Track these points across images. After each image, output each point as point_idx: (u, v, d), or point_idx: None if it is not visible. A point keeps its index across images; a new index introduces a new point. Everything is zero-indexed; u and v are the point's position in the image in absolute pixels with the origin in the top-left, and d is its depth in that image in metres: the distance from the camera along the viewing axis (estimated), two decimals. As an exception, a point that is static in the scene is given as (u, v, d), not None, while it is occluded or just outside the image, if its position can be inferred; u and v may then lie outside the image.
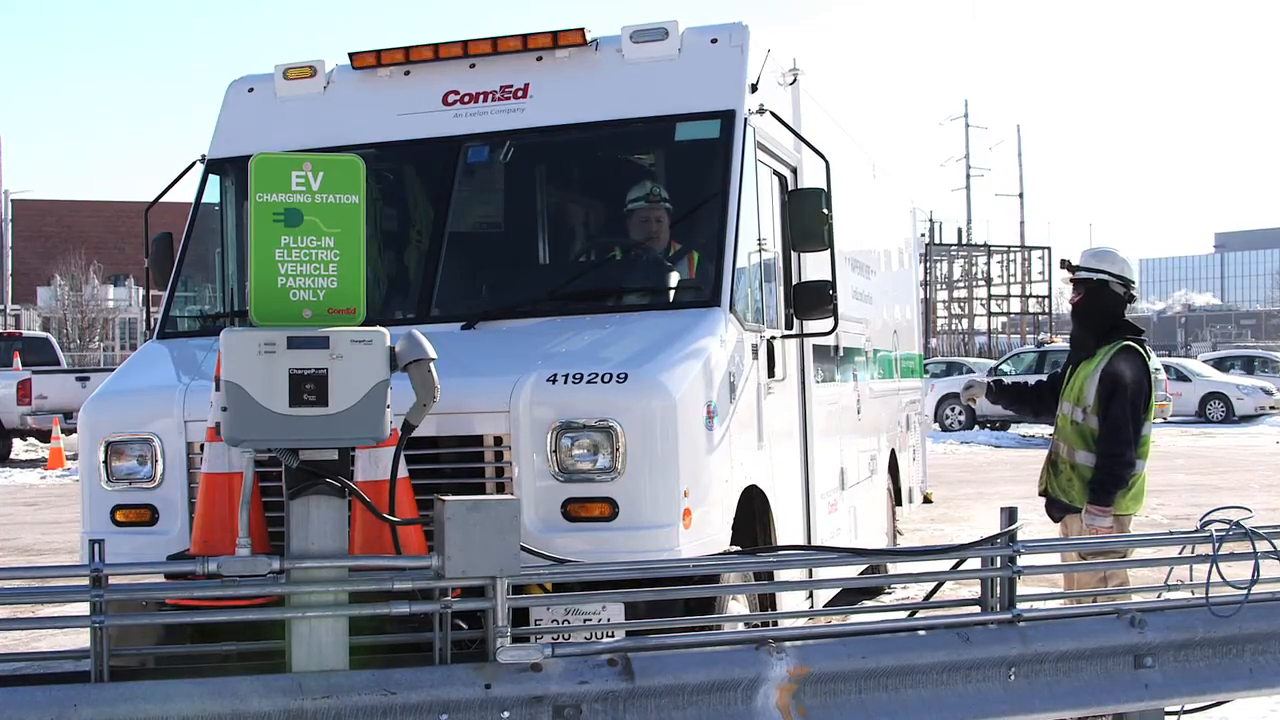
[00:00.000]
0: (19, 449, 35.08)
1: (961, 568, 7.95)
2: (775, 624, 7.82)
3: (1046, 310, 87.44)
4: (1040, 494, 9.66)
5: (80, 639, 6.74)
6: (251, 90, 10.26)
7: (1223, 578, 7.66)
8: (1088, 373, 9.20)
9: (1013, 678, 7.19)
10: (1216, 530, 7.73)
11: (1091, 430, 9.15)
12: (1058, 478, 9.43)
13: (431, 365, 6.34)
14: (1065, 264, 9.36)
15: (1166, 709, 7.73)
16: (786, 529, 9.15)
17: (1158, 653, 7.50)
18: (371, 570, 6.48)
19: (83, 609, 6.27)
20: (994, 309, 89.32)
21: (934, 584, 8.32)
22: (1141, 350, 9.27)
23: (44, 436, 32.98)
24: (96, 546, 6.22)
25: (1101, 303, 9.32)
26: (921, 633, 7.32)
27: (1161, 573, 8.28)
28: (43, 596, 7.14)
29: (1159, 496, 22.96)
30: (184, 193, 10.33)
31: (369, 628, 6.62)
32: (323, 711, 6.02)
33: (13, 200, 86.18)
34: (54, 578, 7.07)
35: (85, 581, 6.20)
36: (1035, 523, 18.17)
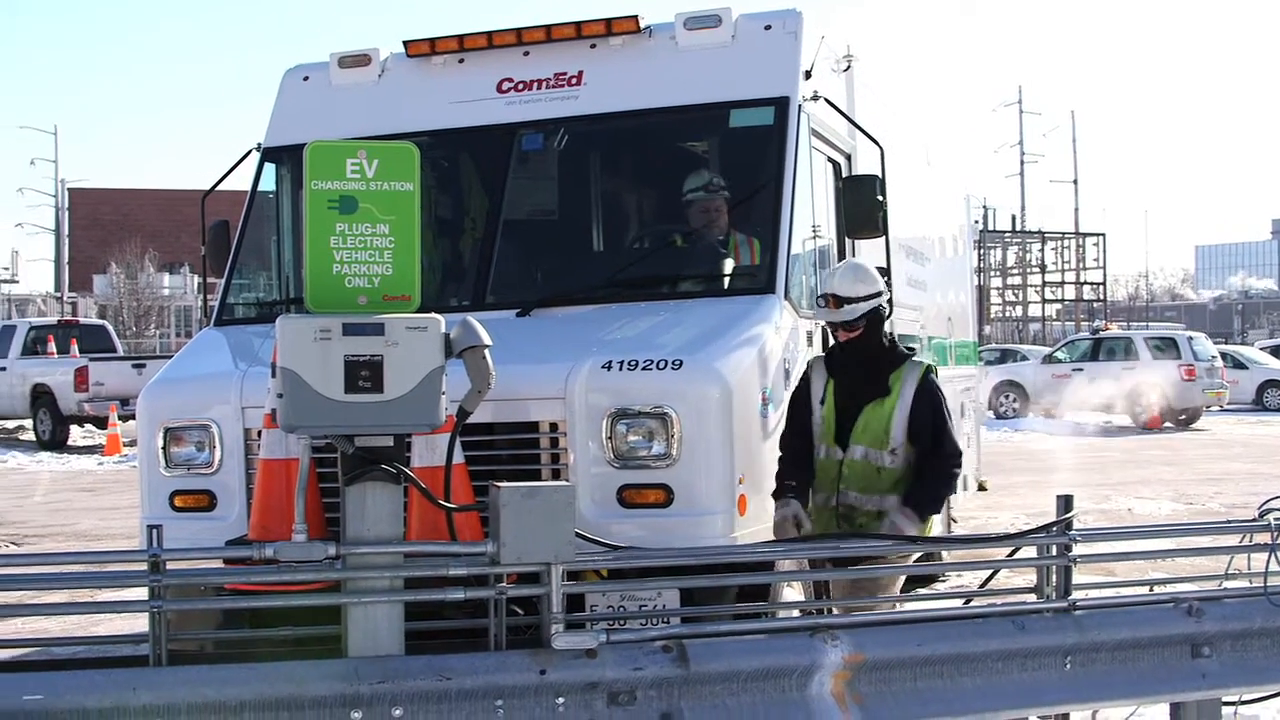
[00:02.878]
0: (76, 435, 35.29)
1: (1016, 555, 7.91)
2: (830, 611, 7.81)
3: (1101, 297, 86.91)
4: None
5: (138, 623, 6.77)
6: (307, 79, 10.31)
7: (1281, 567, 7.59)
8: (889, 411, 7.95)
9: (1069, 666, 7.14)
10: (1275, 519, 7.66)
11: (894, 473, 8.03)
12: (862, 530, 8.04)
13: (486, 352, 6.35)
14: (833, 298, 7.95)
15: (1224, 699, 7.68)
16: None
17: (1215, 642, 7.44)
18: (427, 556, 6.49)
19: (141, 594, 6.30)
20: (1048, 296, 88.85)
21: (989, 572, 8.27)
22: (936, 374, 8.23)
23: (101, 423, 33.15)
24: (155, 532, 6.25)
25: (879, 328, 8.11)
26: (977, 621, 7.29)
27: (1219, 562, 8.21)
28: (102, 581, 7.19)
29: (1216, 485, 22.83)
30: (240, 181, 10.40)
31: (424, 613, 6.64)
32: (378, 696, 6.03)
33: (69, 189, 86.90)
34: (113, 563, 7.12)
35: (144, 566, 6.23)
36: (1091, 511, 18.13)
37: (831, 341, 8.33)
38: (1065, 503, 7.37)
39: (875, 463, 7.98)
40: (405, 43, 9.88)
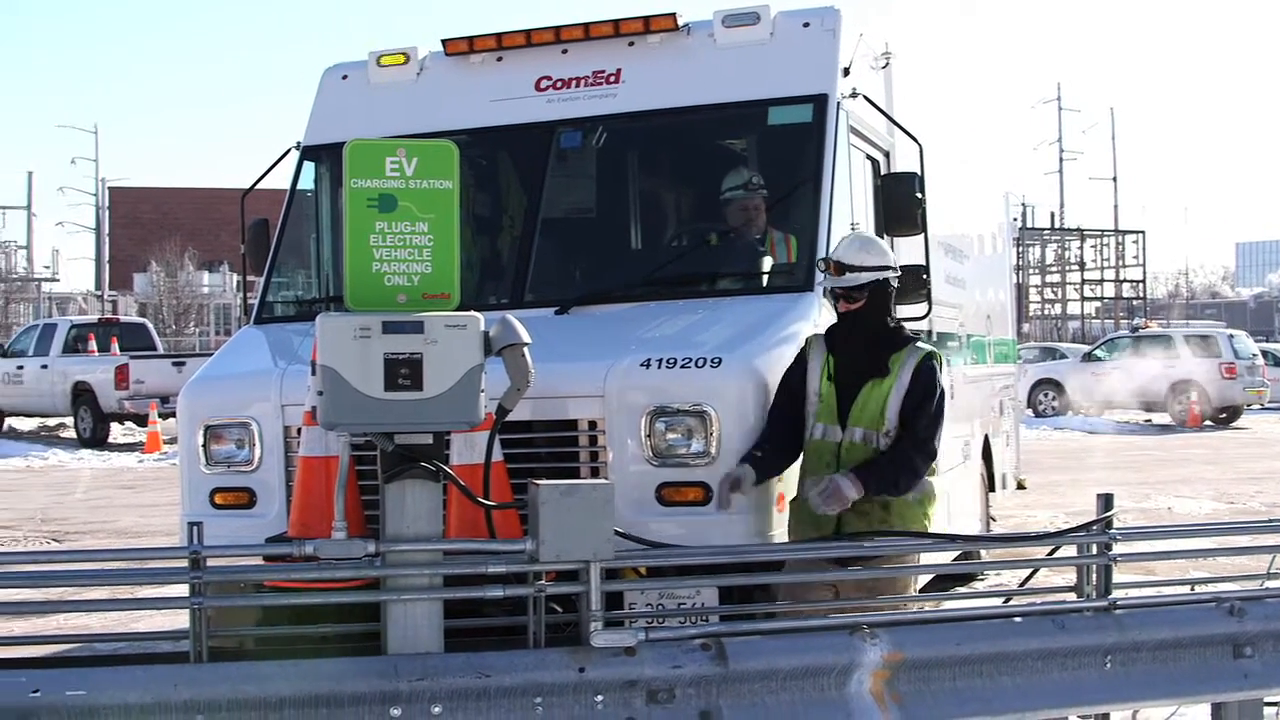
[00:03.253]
0: (117, 433, 35.44)
1: (1056, 554, 7.89)
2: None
3: (1141, 295, 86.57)
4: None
5: (179, 620, 6.81)
6: (345, 77, 10.34)
7: (1324, 566, 7.56)
8: (885, 391, 7.62)
9: (1109, 665, 7.11)
10: (1318, 517, 7.61)
11: None
12: (863, 518, 7.64)
13: (525, 350, 6.36)
14: (836, 264, 7.71)
15: (1266, 699, 7.63)
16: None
17: (1257, 642, 7.38)
18: (466, 554, 6.50)
19: (182, 590, 6.33)
20: (1087, 294, 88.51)
21: (1029, 571, 8.24)
22: (943, 363, 7.91)
23: (141, 421, 33.28)
24: (195, 529, 6.27)
25: (884, 305, 7.79)
26: (1017, 619, 7.26)
27: (1261, 561, 8.17)
28: (142, 578, 7.22)
29: (1257, 484, 22.72)
30: (279, 179, 10.44)
31: (463, 610, 6.65)
32: (417, 693, 6.04)
33: (110, 188, 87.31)
34: (153, 559, 7.15)
35: (184, 563, 6.26)
36: (1131, 510, 18.06)
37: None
38: (1105, 501, 7.33)
39: (873, 445, 7.60)
40: (443, 41, 9.90)
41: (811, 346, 7.82)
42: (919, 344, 7.79)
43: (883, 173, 9.77)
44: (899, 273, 7.89)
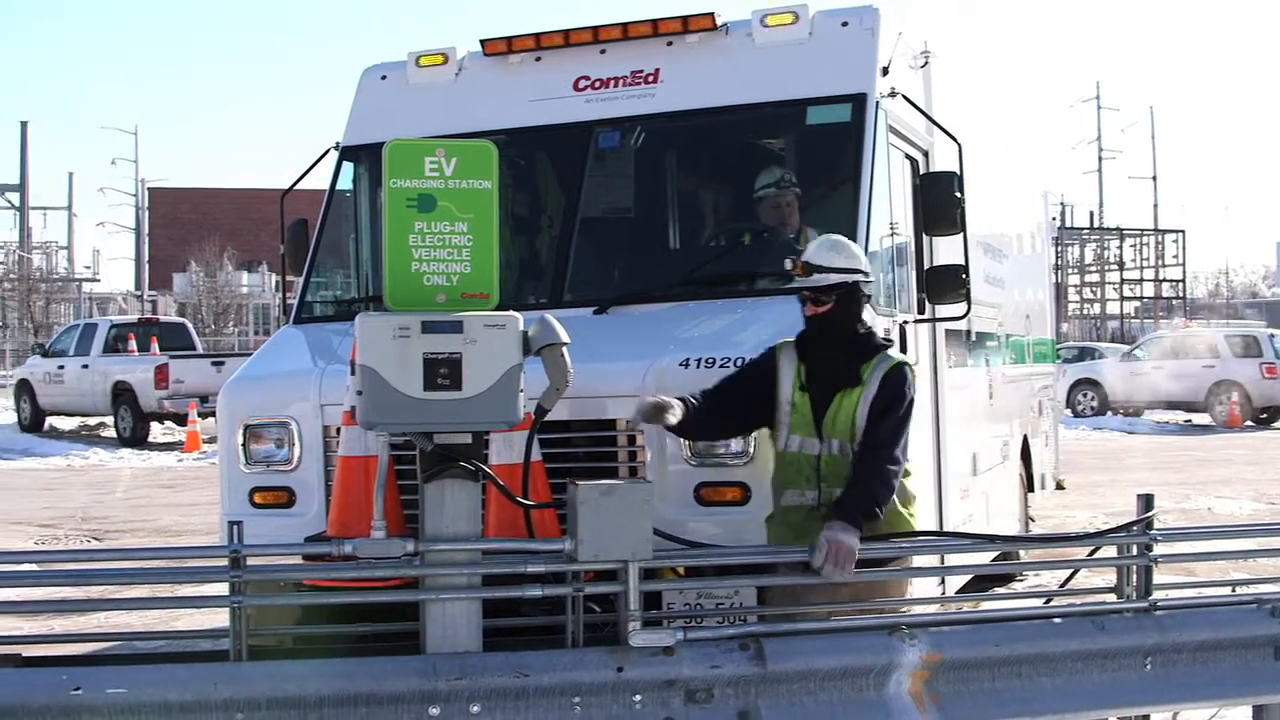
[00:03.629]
0: (156, 432, 35.59)
1: (1096, 555, 7.85)
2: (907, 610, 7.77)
3: (1180, 295, 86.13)
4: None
5: (218, 618, 6.83)
6: (384, 78, 10.37)
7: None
8: (855, 401, 7.29)
9: (1149, 667, 7.08)
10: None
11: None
12: None
13: (565, 350, 6.35)
14: (804, 265, 7.38)
15: (1308, 701, 7.59)
16: (917, 514, 9.09)
17: (1299, 644, 7.36)
18: (504, 553, 6.51)
19: (222, 589, 6.36)
20: (1126, 293, 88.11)
21: (1069, 571, 8.20)
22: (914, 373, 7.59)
23: (181, 420, 33.41)
24: (235, 528, 6.30)
25: (854, 310, 7.40)
26: (1056, 620, 7.24)
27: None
28: (183, 576, 7.26)
29: (1291, 485, 22.59)
30: (318, 179, 10.46)
31: (502, 610, 6.66)
32: (456, 693, 6.05)
33: (149, 188, 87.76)
34: (194, 558, 7.19)
35: (224, 562, 6.29)
36: (1171, 510, 17.98)
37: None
38: (1146, 502, 7.31)
39: (848, 456, 7.27)
40: (482, 41, 9.91)
41: (781, 352, 7.50)
42: (890, 352, 7.47)
43: (922, 172, 9.74)
44: (870, 279, 7.53)
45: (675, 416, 7.13)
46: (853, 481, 7.14)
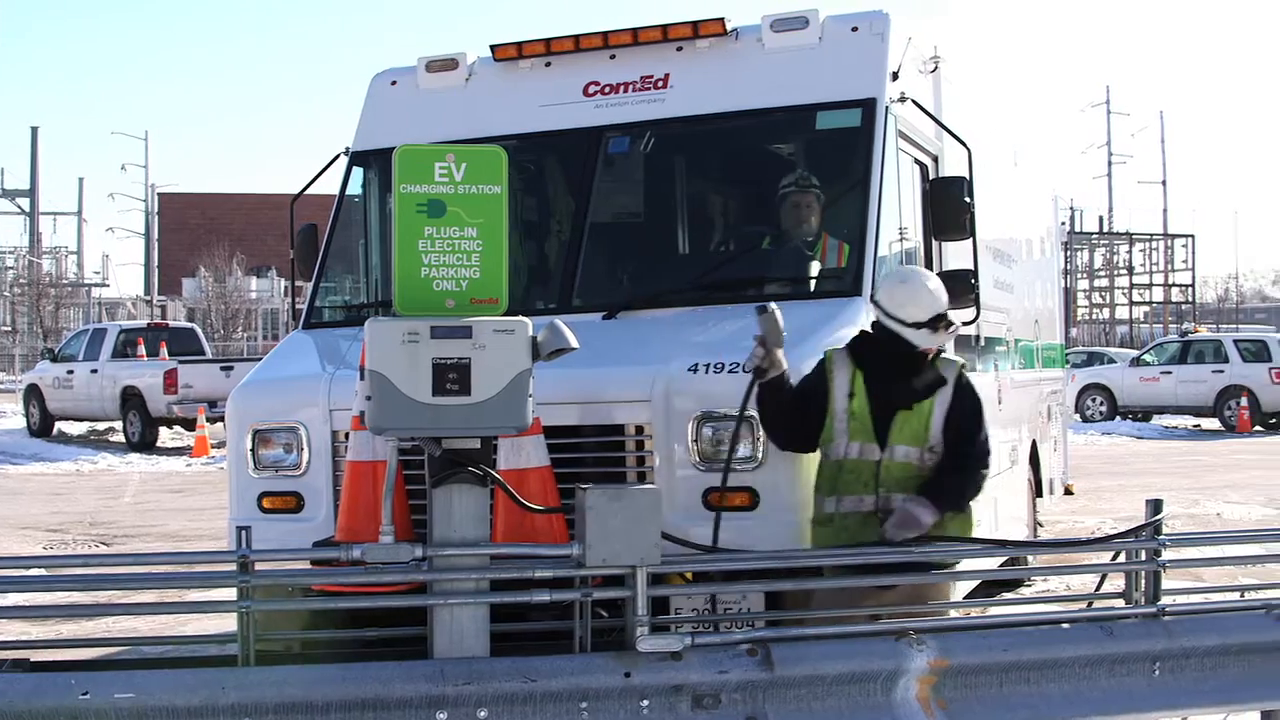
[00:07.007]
0: (165, 437, 35.56)
1: (1104, 560, 7.85)
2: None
3: (1190, 299, 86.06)
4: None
5: (226, 623, 6.85)
6: (394, 83, 10.37)
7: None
8: (929, 408, 7.46)
9: (1157, 673, 7.08)
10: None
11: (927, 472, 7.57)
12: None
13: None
14: (948, 321, 7.55)
15: (1317, 706, 7.58)
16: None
17: (1308, 649, 7.35)
18: (513, 558, 6.52)
19: (229, 594, 6.37)
20: (1136, 298, 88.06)
21: (1076, 577, 8.19)
22: None
23: (189, 425, 33.38)
24: (244, 533, 6.31)
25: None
26: (1064, 626, 7.24)
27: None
28: (191, 581, 7.27)
29: (1302, 489, 22.55)
30: (328, 185, 10.47)
31: (510, 615, 6.66)
32: (464, 697, 6.06)
33: (159, 194, 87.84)
34: (202, 563, 7.19)
35: (233, 567, 6.30)
36: (1180, 515, 17.95)
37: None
38: (1154, 507, 7.31)
39: (915, 462, 7.45)
40: (492, 47, 9.91)
41: (835, 363, 7.60)
42: (947, 356, 7.70)
43: (931, 177, 9.74)
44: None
45: (784, 375, 7.40)
46: (947, 471, 7.47)
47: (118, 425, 36.20)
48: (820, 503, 7.60)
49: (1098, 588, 7.85)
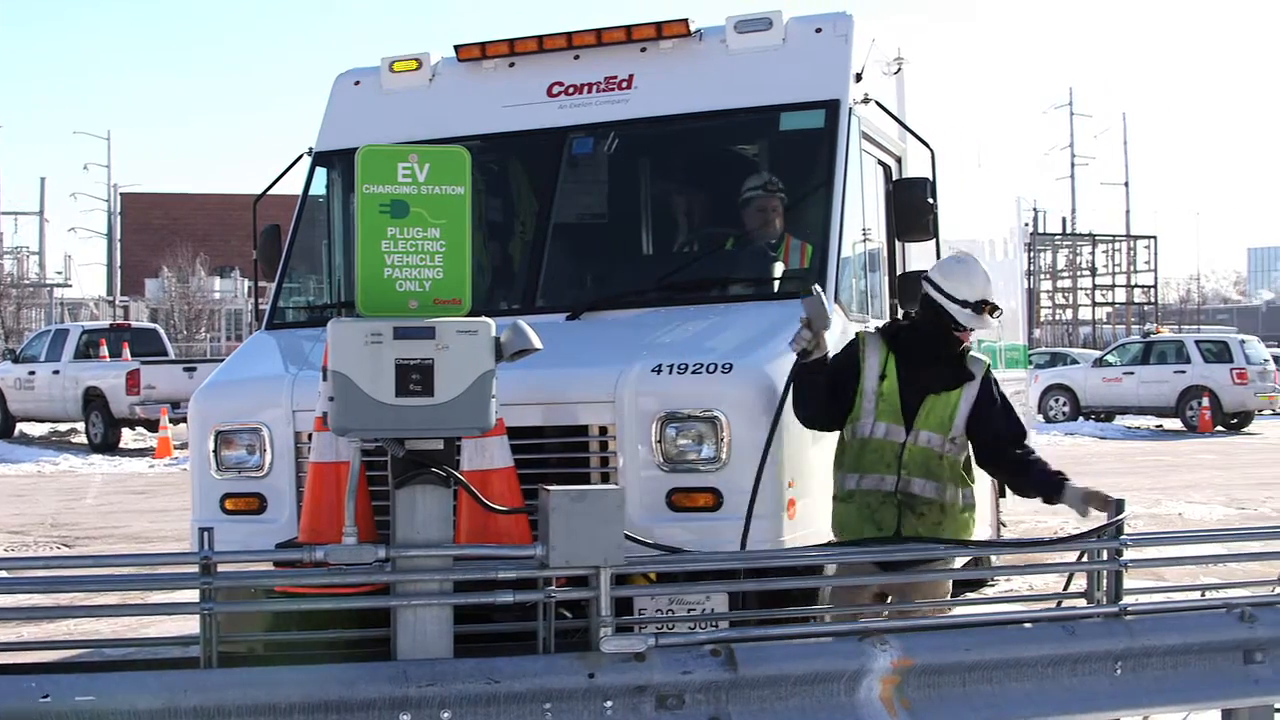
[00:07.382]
0: (128, 438, 35.46)
1: (1066, 560, 7.87)
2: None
3: (1152, 300, 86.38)
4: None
5: (189, 625, 6.82)
6: (358, 83, 10.36)
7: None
8: (955, 399, 7.67)
9: (1119, 672, 7.10)
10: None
11: (953, 460, 7.76)
12: (921, 519, 7.67)
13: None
14: (992, 306, 7.71)
15: (1277, 705, 7.62)
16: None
17: (1268, 648, 7.38)
18: (476, 559, 6.51)
19: (192, 596, 6.35)
20: (1099, 299, 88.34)
21: (1038, 576, 8.22)
22: None
23: (152, 426, 33.30)
24: (206, 534, 6.28)
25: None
26: (1027, 625, 7.26)
27: (1272, 567, 8.16)
28: (153, 583, 7.24)
29: (1268, 489, 22.69)
30: (291, 185, 10.45)
31: (473, 616, 6.65)
32: (427, 699, 6.04)
33: (122, 194, 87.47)
34: (164, 565, 7.16)
35: (195, 569, 6.27)
36: (1142, 516, 18.03)
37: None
38: (1116, 506, 7.34)
39: (937, 449, 7.65)
40: (456, 47, 9.91)
41: (867, 344, 7.75)
42: (975, 353, 7.86)
43: (894, 178, 9.76)
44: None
45: (824, 351, 7.54)
46: (1037, 464, 7.85)
47: (80, 426, 36.11)
48: (841, 479, 7.76)
49: (1065, 587, 7.89)
